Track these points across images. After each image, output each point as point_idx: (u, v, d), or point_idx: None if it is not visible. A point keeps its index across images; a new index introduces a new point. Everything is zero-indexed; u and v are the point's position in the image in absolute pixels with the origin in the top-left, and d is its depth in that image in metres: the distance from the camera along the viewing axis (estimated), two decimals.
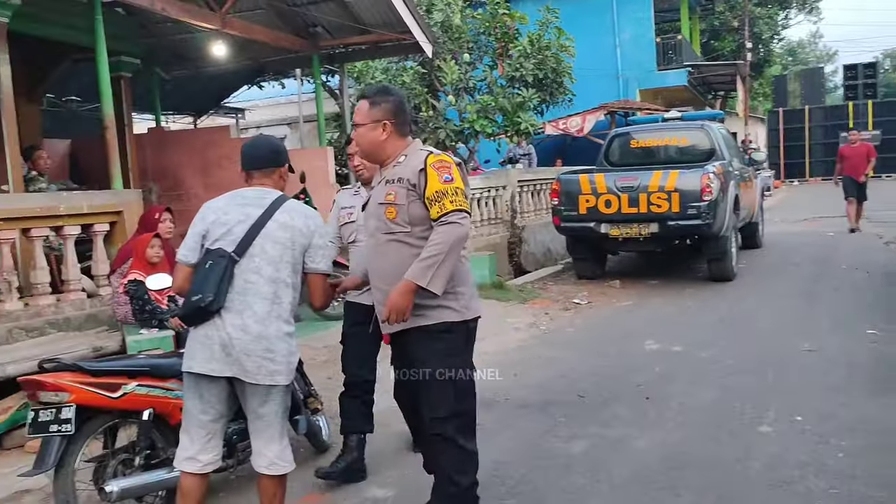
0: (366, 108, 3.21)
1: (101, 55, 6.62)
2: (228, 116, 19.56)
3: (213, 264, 3.12)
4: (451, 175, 3.06)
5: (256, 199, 3.26)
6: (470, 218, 3.10)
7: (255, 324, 3.09)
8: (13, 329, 5.42)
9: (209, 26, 8.44)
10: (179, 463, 3.27)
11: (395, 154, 3.21)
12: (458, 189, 3.05)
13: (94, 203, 6.20)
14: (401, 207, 3.13)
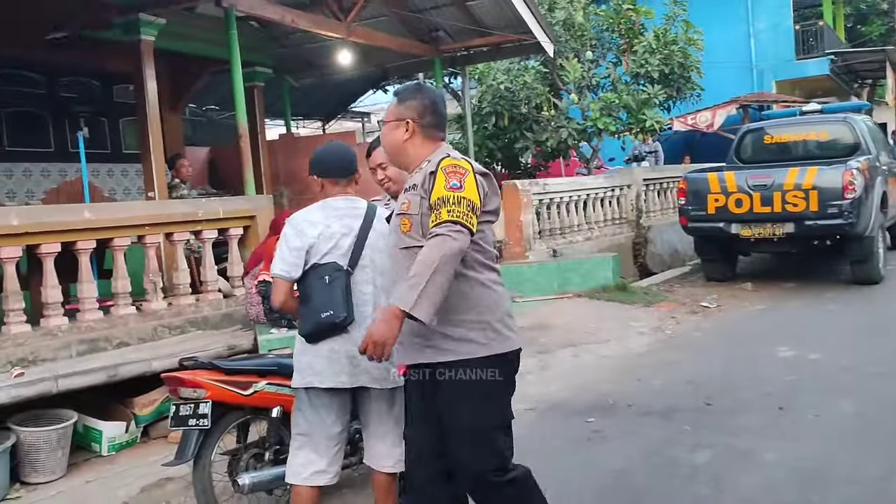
0: (393, 105, 2.90)
1: (236, 67, 6.98)
2: (355, 120, 20.16)
3: (332, 279, 3.12)
4: (461, 183, 2.60)
5: (350, 210, 3.26)
6: (470, 235, 2.56)
7: None
8: (157, 327, 5.81)
9: (336, 35, 8.73)
10: (307, 478, 3.23)
11: (420, 159, 2.82)
12: (464, 199, 2.57)
13: (229, 208, 6.55)
14: (414, 218, 2.72)
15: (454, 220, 2.54)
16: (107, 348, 5.44)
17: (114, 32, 7.23)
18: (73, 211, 5.59)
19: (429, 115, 2.83)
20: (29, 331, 5.13)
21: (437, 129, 2.87)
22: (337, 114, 17.31)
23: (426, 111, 2.83)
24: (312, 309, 3.12)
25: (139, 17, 6.82)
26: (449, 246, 2.49)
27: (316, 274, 3.15)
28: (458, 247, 2.52)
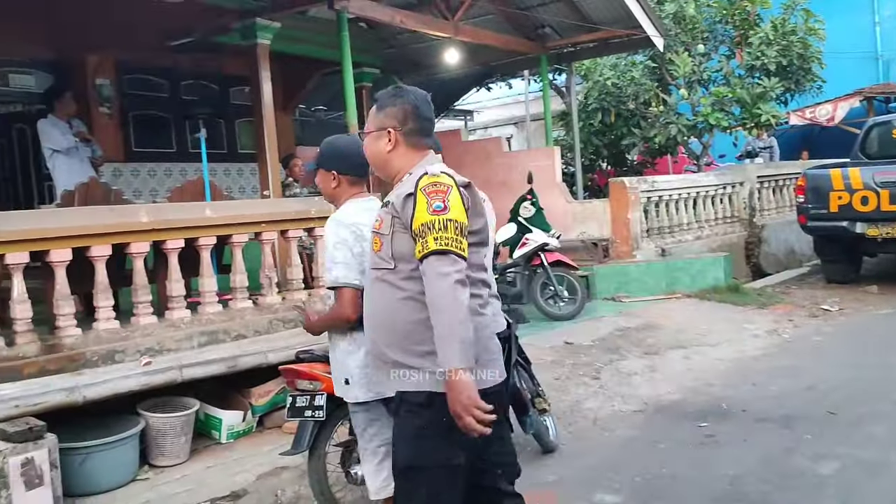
0: (372, 113, 2.66)
1: (347, 68, 7.15)
2: (457, 119, 20.27)
3: None
4: (444, 203, 2.34)
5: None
6: (464, 262, 2.32)
7: None
8: (272, 320, 6.01)
9: (443, 34, 8.80)
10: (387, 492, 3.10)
11: (406, 171, 2.55)
12: (450, 222, 2.31)
13: None
14: (385, 238, 2.48)
15: (444, 249, 2.29)
16: (225, 340, 5.67)
17: (232, 37, 7.54)
18: (196, 209, 5.85)
19: (411, 122, 2.58)
20: (155, 322, 5.41)
21: (421, 136, 2.61)
22: (440, 112, 17.45)
23: (408, 117, 2.58)
24: None
25: (256, 22, 7.08)
26: (445, 291, 2.27)
27: None
28: (460, 279, 2.29)
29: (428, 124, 2.64)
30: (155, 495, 4.30)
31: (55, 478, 3.94)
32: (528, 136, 18.02)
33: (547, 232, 8.00)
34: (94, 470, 4.28)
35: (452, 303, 2.27)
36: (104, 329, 5.11)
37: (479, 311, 2.45)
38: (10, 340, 4.72)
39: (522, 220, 8.11)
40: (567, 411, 5.44)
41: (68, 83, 8.13)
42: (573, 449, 4.82)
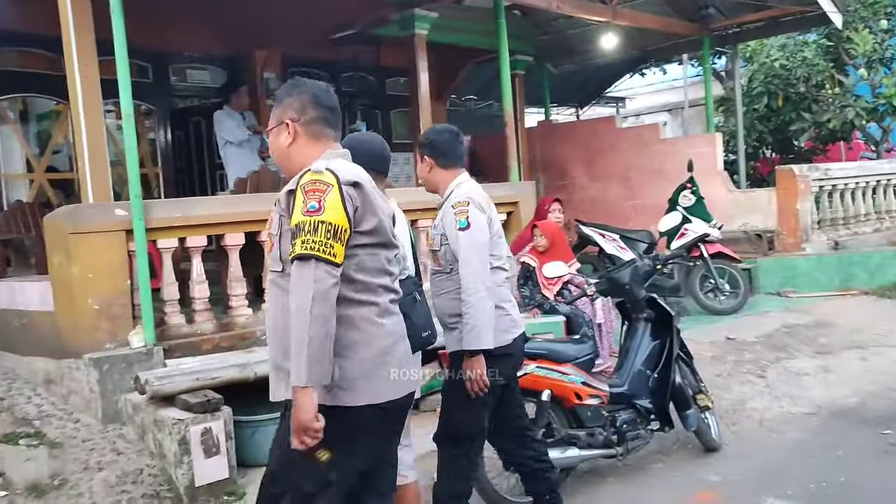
0: (273, 110, 2.53)
1: (504, 56, 7.12)
2: (609, 106, 19.79)
3: (421, 295, 2.98)
4: (319, 203, 2.18)
5: (399, 218, 3.12)
6: (334, 267, 2.17)
7: None
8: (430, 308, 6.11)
9: (600, 19, 8.59)
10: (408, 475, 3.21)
11: (307, 165, 2.37)
12: (322, 224, 2.17)
13: (494, 195, 6.60)
14: (274, 238, 2.38)
15: (307, 253, 2.15)
16: None
17: (390, 28, 7.71)
18: None
19: (311, 110, 2.44)
20: None
21: (324, 126, 2.46)
22: (591, 99, 17.11)
23: (306, 107, 2.44)
24: (415, 326, 2.74)
25: (414, 13, 7.20)
26: (310, 293, 2.12)
27: (406, 288, 2.74)
28: (320, 289, 2.13)
29: (330, 113, 2.49)
30: None
31: (230, 448, 4.20)
32: (685, 123, 17.31)
33: (708, 222, 7.64)
34: (263, 442, 4.50)
35: (304, 315, 2.13)
36: None
37: (375, 320, 2.33)
38: (190, 318, 5.08)
39: (682, 209, 7.79)
40: (730, 410, 5.18)
41: (241, 78, 8.62)
42: (737, 449, 4.59)
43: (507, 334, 3.30)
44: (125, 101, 4.74)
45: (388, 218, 2.41)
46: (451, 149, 3.46)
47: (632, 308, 4.52)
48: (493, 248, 3.31)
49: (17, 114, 7.73)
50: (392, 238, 2.42)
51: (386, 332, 2.34)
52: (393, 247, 2.43)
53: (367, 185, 2.32)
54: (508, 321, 3.32)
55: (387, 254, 2.39)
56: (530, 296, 5.76)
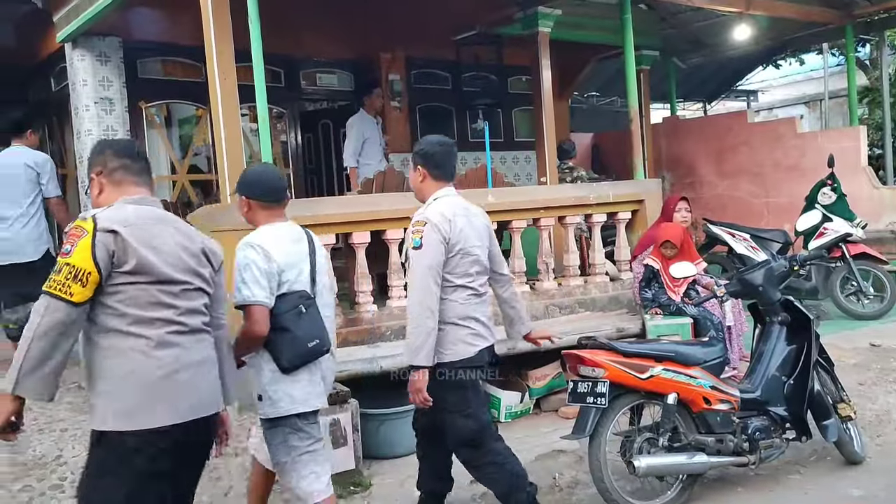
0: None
1: (629, 51, 6.97)
2: (739, 100, 18.99)
3: (308, 307, 3.15)
4: (71, 247, 2.38)
5: (297, 235, 3.29)
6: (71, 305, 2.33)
7: (333, 353, 3.38)
8: (549, 305, 6.09)
9: (733, 10, 8.25)
10: (325, 489, 3.22)
11: None
12: (66, 266, 2.35)
13: (619, 192, 6.58)
14: None
15: (47, 290, 2.35)
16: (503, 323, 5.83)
17: (513, 27, 7.71)
18: (479, 195, 6.03)
19: (110, 162, 2.64)
20: None
21: (125, 173, 2.64)
22: (720, 93, 16.48)
23: (107, 160, 2.64)
24: (297, 339, 3.07)
25: (538, 11, 7.17)
26: (37, 323, 2.33)
27: (289, 303, 3.10)
28: (46, 321, 2.32)
29: (129, 161, 2.67)
30: None
31: (356, 439, 4.33)
32: (824, 116, 16.34)
33: (850, 221, 7.19)
34: (388, 435, 4.63)
35: (26, 345, 2.32)
36: (397, 306, 5.50)
37: (147, 351, 2.42)
38: None
39: (821, 207, 7.37)
40: (874, 421, 4.86)
41: (369, 80, 8.88)
42: (882, 463, 4.30)
43: (470, 347, 3.45)
44: (261, 105, 4.99)
45: (173, 256, 2.53)
46: (444, 161, 3.58)
47: (765, 311, 4.32)
48: (459, 267, 3.44)
49: (162, 119, 8.27)
50: (176, 274, 2.52)
51: (158, 364, 2.44)
52: (177, 282, 2.52)
53: (132, 230, 2.46)
54: (471, 335, 3.46)
55: (164, 288, 2.49)
56: (653, 297, 5.62)
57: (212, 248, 2.72)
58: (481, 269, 3.56)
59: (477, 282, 3.53)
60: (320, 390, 3.24)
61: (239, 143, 5.24)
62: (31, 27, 7.87)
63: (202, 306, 2.63)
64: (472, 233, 3.49)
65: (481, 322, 3.53)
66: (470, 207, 3.61)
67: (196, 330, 2.57)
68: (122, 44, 7.32)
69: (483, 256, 3.57)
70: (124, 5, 6.12)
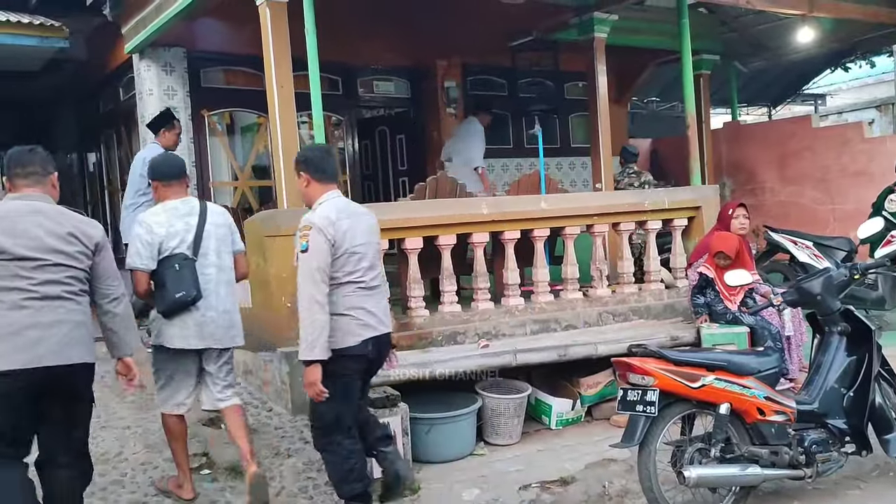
0: None
1: (686, 56, 6.87)
2: (806, 104, 18.49)
3: (182, 266, 3.84)
4: None
5: (188, 209, 3.99)
6: None
7: (220, 304, 3.94)
8: (602, 313, 6.03)
9: (796, 12, 8.04)
10: (169, 408, 3.99)
11: None
12: None
13: (675, 199, 6.49)
14: None
15: None
16: (556, 329, 5.82)
17: (569, 33, 7.67)
18: (532, 202, 6.08)
19: (10, 168, 3.34)
20: (492, 308, 5.74)
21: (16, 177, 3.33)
22: (786, 97, 16.05)
23: (9, 165, 3.33)
24: (167, 291, 3.82)
25: (594, 16, 7.12)
26: None
27: (167, 264, 3.85)
28: None
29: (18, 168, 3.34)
30: (489, 471, 4.56)
31: (406, 443, 4.38)
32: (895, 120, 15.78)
33: None
34: (437, 440, 4.66)
35: None
36: (448, 312, 5.55)
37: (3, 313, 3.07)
38: None
39: (888, 214, 7.12)
40: None
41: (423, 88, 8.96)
42: None
43: (356, 337, 3.71)
44: (316, 114, 5.10)
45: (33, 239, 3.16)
46: (324, 165, 3.90)
47: (824, 320, 4.21)
48: (346, 265, 3.71)
49: (224, 127, 8.50)
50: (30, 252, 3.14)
51: (9, 322, 3.08)
52: (32, 259, 3.14)
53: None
54: (358, 325, 3.71)
55: (21, 264, 3.12)
56: (707, 304, 5.53)
57: (83, 230, 3.31)
58: (369, 264, 3.80)
59: (366, 276, 3.78)
60: (189, 333, 3.88)
61: (296, 150, 5.35)
62: (102, 39, 8.19)
63: (66, 278, 3.21)
64: (357, 232, 3.75)
65: (370, 312, 3.75)
66: (355, 208, 3.93)
67: (53, 297, 3.17)
68: (187, 54, 7.57)
69: (370, 252, 3.83)
70: (188, 17, 6.33)
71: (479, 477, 4.47)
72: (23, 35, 7.02)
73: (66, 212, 3.34)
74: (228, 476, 4.25)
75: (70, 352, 3.17)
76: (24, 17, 7.04)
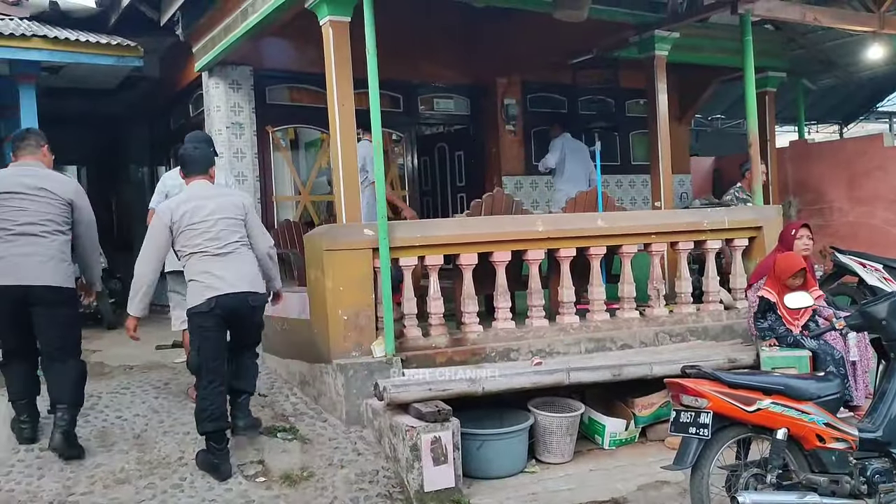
0: None
1: (750, 74, 6.75)
2: (881, 122, 17.93)
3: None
4: None
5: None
6: None
7: None
8: (659, 333, 5.96)
9: (866, 29, 7.84)
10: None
11: None
12: None
13: (735, 218, 6.38)
14: None
15: None
16: (611, 348, 5.77)
17: (629, 51, 7.63)
18: (588, 219, 6.06)
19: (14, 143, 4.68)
20: (547, 325, 5.73)
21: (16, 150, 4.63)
22: (859, 115, 15.62)
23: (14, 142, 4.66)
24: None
25: (654, 34, 7.07)
26: None
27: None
28: None
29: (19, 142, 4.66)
30: (540, 489, 4.54)
31: (456, 458, 4.39)
32: None
33: None
34: (488, 456, 4.67)
35: None
36: (502, 328, 5.56)
37: None
38: (426, 332, 5.40)
39: None
40: None
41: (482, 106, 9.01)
42: None
43: (201, 297, 4.36)
44: (375, 131, 5.20)
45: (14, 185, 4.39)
46: (188, 161, 4.72)
47: (890, 346, 4.07)
48: (191, 240, 4.43)
49: (287, 142, 8.71)
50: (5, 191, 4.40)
51: None
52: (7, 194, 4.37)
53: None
54: (202, 287, 4.37)
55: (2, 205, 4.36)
56: (769, 328, 5.39)
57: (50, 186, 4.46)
58: (214, 235, 4.44)
59: (209, 246, 4.43)
60: None
61: (355, 166, 5.47)
62: (174, 58, 8.53)
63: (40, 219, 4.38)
64: (200, 213, 4.44)
65: (215, 276, 4.38)
66: (208, 192, 4.61)
67: (26, 234, 4.33)
68: (253, 72, 7.80)
69: (218, 227, 4.45)
70: (255, 37, 6.54)
71: (530, 495, 4.46)
72: (102, 55, 7.36)
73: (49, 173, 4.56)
74: (283, 484, 4.33)
75: (42, 276, 4.33)
76: (102, 38, 7.37)
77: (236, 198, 4.67)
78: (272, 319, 6.06)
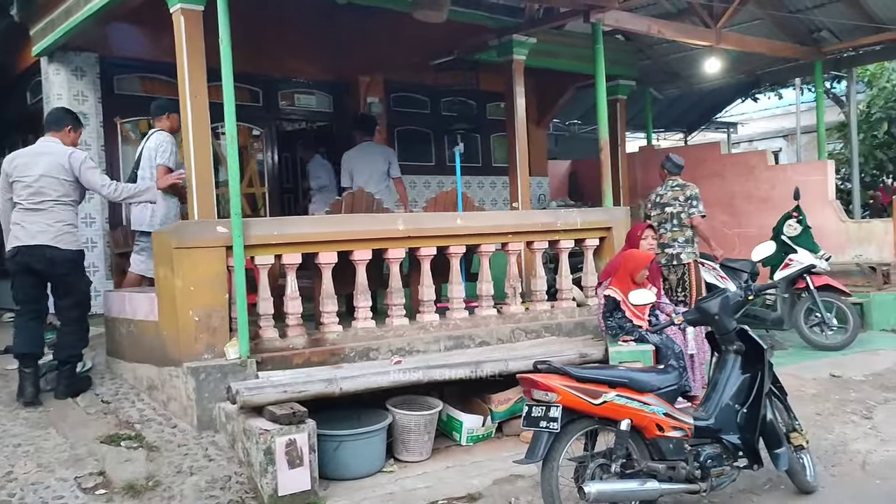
0: None
1: (601, 81, 7.07)
2: (720, 132, 19.27)
3: None
4: None
5: None
6: None
7: None
8: (515, 330, 6.11)
9: (704, 43, 8.41)
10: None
11: None
12: None
13: (587, 219, 6.65)
14: None
15: None
16: (470, 346, 5.86)
17: (489, 54, 7.81)
18: (448, 218, 6.13)
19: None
20: (407, 324, 5.74)
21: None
22: (701, 125, 16.73)
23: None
24: None
25: (513, 38, 7.27)
26: None
27: None
28: None
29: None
30: (398, 488, 4.53)
31: (313, 460, 4.31)
32: (799, 150, 16.61)
33: (814, 253, 7.30)
34: (345, 457, 4.61)
35: None
36: (362, 327, 5.52)
37: None
38: (283, 332, 5.27)
39: (786, 238, 7.48)
40: (829, 451, 4.91)
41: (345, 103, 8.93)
42: (835, 494, 4.35)
43: (11, 245, 5.08)
44: (229, 124, 5.01)
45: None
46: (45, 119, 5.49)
47: (721, 339, 4.37)
48: (16, 192, 5.08)
49: (139, 135, 8.26)
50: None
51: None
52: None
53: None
54: (12, 236, 5.09)
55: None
56: (618, 325, 5.64)
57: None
58: (33, 191, 5.02)
59: (28, 201, 5.03)
60: None
61: (208, 161, 5.27)
62: (8, 41, 7.88)
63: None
64: (29, 167, 5.03)
65: (23, 227, 5.02)
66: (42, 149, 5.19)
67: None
68: (100, 59, 7.36)
69: (39, 182, 5.02)
70: (100, 21, 6.16)
71: (387, 494, 4.44)
72: None
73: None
74: (126, 495, 4.10)
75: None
76: None
77: (63, 158, 5.10)
78: (117, 321, 5.74)
